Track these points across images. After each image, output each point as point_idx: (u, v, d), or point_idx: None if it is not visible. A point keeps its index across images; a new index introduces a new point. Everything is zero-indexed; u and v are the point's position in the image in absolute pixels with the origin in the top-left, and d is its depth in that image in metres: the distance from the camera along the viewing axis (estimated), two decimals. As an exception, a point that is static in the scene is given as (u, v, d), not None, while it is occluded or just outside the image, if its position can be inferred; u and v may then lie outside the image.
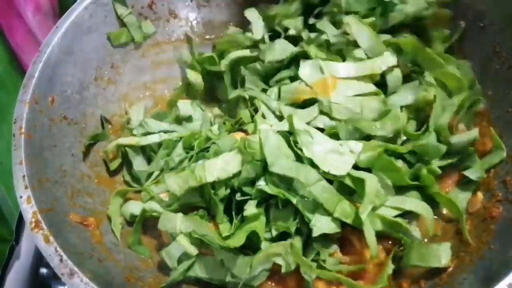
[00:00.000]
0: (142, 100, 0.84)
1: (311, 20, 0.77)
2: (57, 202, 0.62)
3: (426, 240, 0.62)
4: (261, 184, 0.60)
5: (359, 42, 0.69)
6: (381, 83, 0.68)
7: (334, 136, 0.63)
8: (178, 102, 0.79)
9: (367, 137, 0.63)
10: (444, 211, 0.65)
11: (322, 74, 0.67)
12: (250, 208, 0.60)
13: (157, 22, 0.86)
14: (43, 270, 0.84)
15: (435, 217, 0.63)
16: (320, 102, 0.65)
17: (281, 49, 0.74)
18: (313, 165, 0.58)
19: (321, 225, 0.57)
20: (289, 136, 0.61)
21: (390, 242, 0.62)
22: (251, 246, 0.60)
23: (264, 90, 0.74)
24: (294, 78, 0.70)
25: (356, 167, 0.60)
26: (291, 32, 0.77)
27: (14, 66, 0.94)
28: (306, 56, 0.71)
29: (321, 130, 0.64)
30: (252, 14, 0.81)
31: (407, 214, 0.61)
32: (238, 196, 0.61)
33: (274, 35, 0.79)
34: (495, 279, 0.48)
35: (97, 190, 0.70)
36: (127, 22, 0.81)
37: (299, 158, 0.59)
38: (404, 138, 0.65)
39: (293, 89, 0.68)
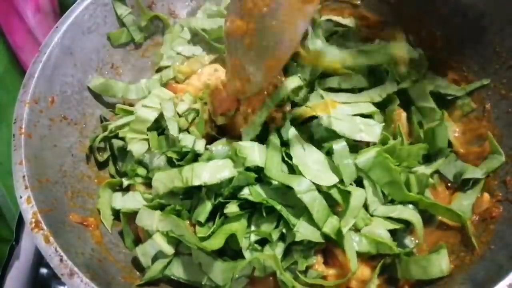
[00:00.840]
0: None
1: None
2: (57, 202, 0.62)
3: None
4: (245, 193, 0.60)
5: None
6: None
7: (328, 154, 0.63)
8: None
9: None
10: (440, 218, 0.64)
11: (323, 99, 0.68)
12: (232, 207, 0.60)
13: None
14: (43, 270, 0.84)
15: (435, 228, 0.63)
16: (320, 117, 0.65)
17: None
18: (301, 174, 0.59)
19: (305, 231, 0.57)
20: (283, 150, 0.62)
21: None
22: (225, 250, 0.60)
23: None
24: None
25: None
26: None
27: (14, 65, 0.94)
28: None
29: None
30: None
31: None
32: (222, 198, 0.61)
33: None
34: (495, 279, 0.48)
35: (97, 190, 0.70)
36: (127, 22, 0.81)
37: (291, 171, 0.61)
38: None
39: (296, 114, 0.67)
